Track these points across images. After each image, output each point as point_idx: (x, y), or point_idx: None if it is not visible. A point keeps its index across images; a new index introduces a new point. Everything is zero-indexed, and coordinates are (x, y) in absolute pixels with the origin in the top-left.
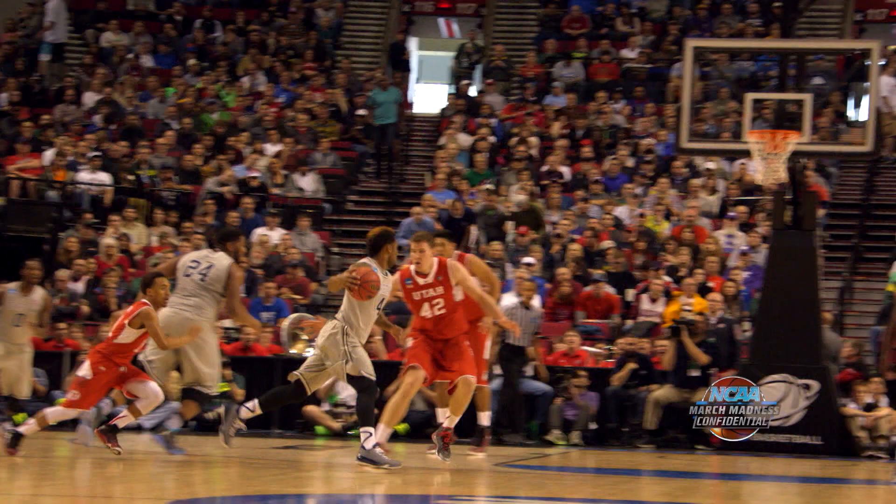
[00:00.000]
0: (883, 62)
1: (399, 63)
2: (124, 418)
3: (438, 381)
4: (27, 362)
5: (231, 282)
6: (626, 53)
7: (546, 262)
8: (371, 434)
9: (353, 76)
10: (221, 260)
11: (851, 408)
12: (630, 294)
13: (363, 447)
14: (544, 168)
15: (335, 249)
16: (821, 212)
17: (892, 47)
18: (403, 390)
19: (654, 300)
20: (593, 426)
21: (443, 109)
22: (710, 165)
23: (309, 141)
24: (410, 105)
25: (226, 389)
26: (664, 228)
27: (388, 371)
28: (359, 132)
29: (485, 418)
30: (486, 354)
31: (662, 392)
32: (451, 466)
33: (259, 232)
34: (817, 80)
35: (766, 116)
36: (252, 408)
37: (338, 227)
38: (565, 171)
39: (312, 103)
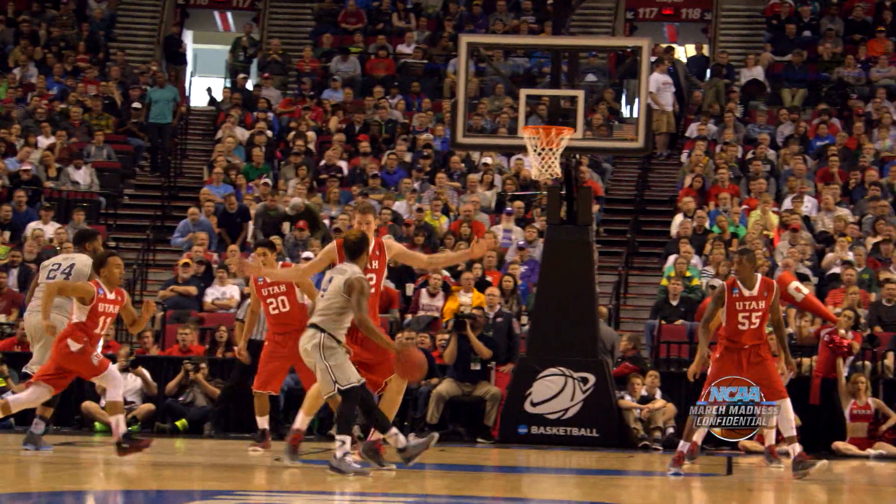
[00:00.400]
0: (654, 59)
1: (174, 56)
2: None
3: None
4: None
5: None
6: (403, 49)
7: None
8: (344, 443)
9: (127, 69)
10: (82, 259)
11: (627, 400)
12: (409, 288)
13: (335, 455)
14: (322, 163)
15: (111, 243)
16: (595, 207)
17: (663, 45)
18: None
19: (433, 294)
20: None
21: (219, 103)
22: (488, 160)
23: (83, 134)
24: (187, 100)
25: (1, 385)
26: (443, 223)
27: None
28: (134, 125)
29: (264, 422)
30: None
31: (444, 386)
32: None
33: (33, 226)
34: (590, 78)
35: (541, 112)
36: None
37: (114, 221)
38: (343, 165)
39: (86, 96)
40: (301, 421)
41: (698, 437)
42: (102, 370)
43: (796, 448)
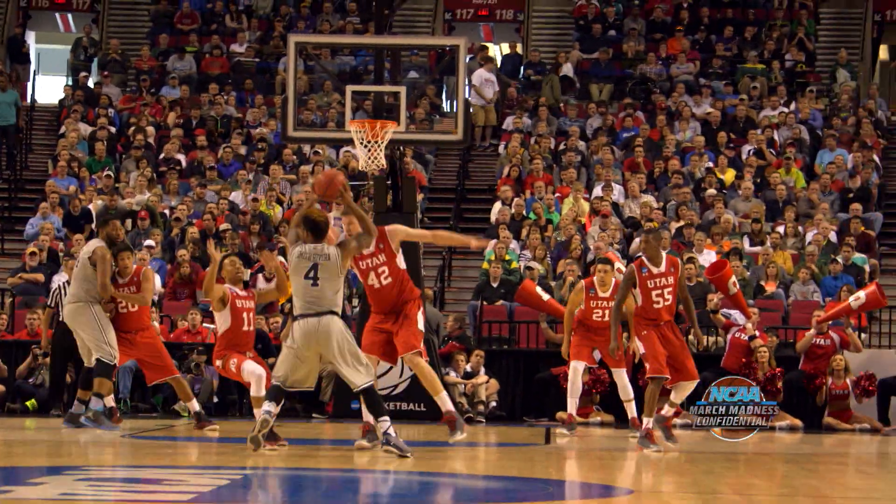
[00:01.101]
0: (471, 57)
1: (18, 56)
2: None
3: None
4: None
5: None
6: (236, 48)
7: (166, 245)
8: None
9: None
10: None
11: (452, 376)
12: (247, 274)
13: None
14: (162, 156)
15: None
16: (420, 196)
17: (481, 44)
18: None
19: (269, 279)
20: (216, 399)
21: (62, 100)
22: (318, 153)
23: None
24: (32, 97)
25: None
26: (277, 212)
27: None
28: None
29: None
30: None
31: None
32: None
33: None
34: (412, 75)
35: (366, 108)
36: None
37: None
38: (182, 158)
39: None
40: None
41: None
42: None
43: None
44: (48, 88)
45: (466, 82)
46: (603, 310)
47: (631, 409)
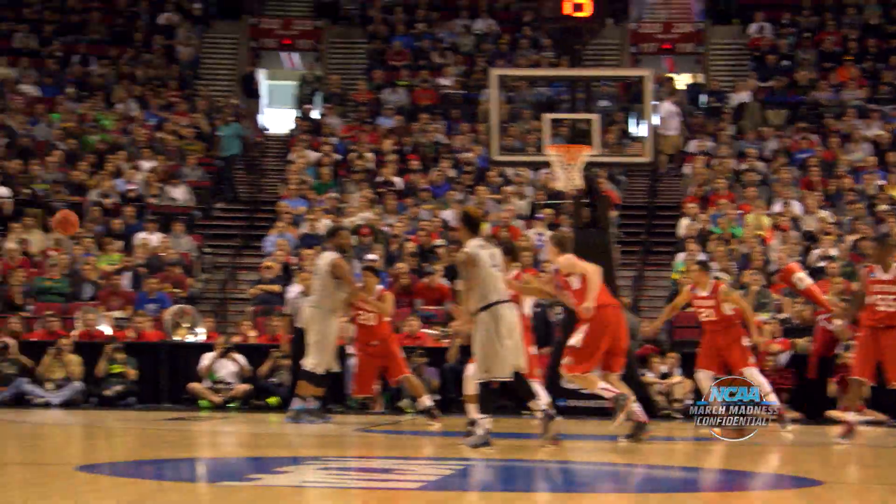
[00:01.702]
0: (657, 87)
1: (250, 91)
2: None
3: None
4: None
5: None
6: (443, 81)
7: (386, 259)
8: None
9: (211, 102)
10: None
11: (649, 377)
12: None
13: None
14: (379, 179)
15: (207, 249)
16: (614, 213)
17: (666, 75)
18: None
19: None
20: (437, 397)
21: (291, 130)
22: (520, 174)
23: (178, 157)
24: (263, 128)
25: (120, 370)
26: (485, 228)
27: None
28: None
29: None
30: None
31: None
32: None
33: (141, 236)
34: (603, 103)
35: (563, 133)
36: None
37: (207, 231)
38: (398, 181)
39: (178, 125)
40: None
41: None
42: None
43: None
44: (277, 120)
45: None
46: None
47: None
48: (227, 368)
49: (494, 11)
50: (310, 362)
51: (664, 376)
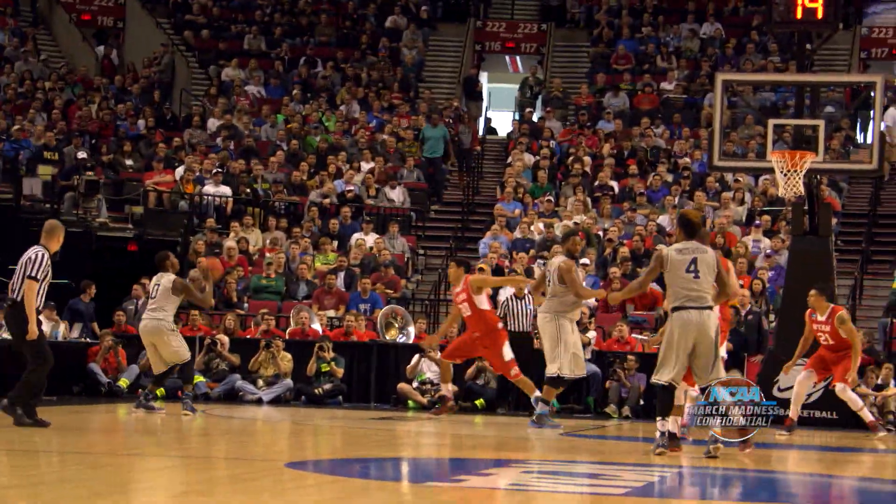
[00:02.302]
0: (889, 93)
1: (472, 94)
2: None
3: None
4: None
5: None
6: (665, 86)
7: (600, 263)
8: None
9: (433, 105)
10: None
11: (863, 388)
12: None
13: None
14: (596, 183)
15: (420, 251)
16: (834, 221)
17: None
18: None
19: None
20: (642, 402)
21: (510, 133)
22: (738, 180)
23: (397, 159)
24: (484, 130)
25: (327, 370)
26: (704, 232)
27: None
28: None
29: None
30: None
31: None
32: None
33: (356, 236)
34: (829, 109)
35: (786, 139)
36: None
37: (422, 233)
38: (614, 185)
39: (399, 128)
40: None
41: None
42: None
43: None
44: (498, 122)
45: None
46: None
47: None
48: (435, 370)
49: (722, 15)
50: (553, 368)
51: (878, 388)
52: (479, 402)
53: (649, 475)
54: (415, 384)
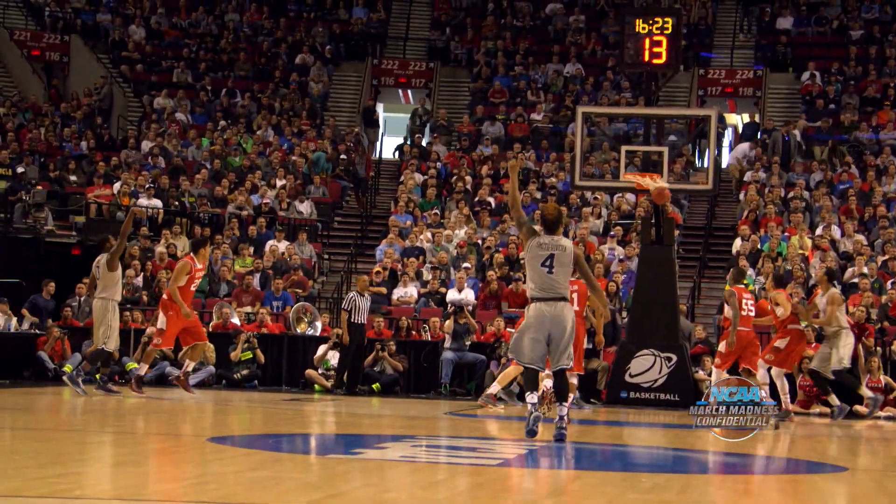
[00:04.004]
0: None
1: (370, 122)
2: None
3: None
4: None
5: None
6: (535, 116)
7: (478, 267)
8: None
9: (336, 131)
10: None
11: (701, 374)
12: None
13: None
14: (476, 199)
15: (325, 256)
16: (676, 232)
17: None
18: None
19: None
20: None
21: (401, 155)
22: (598, 197)
23: (305, 177)
24: (380, 153)
25: (248, 357)
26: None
27: None
28: (341, 172)
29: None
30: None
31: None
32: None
33: (270, 243)
34: (672, 137)
35: (636, 163)
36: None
37: (327, 241)
38: (491, 201)
39: (307, 150)
40: None
41: None
42: None
43: None
44: (391, 146)
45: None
46: None
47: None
48: (338, 358)
49: (582, 57)
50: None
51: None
52: (375, 385)
53: (520, 449)
54: (320, 370)
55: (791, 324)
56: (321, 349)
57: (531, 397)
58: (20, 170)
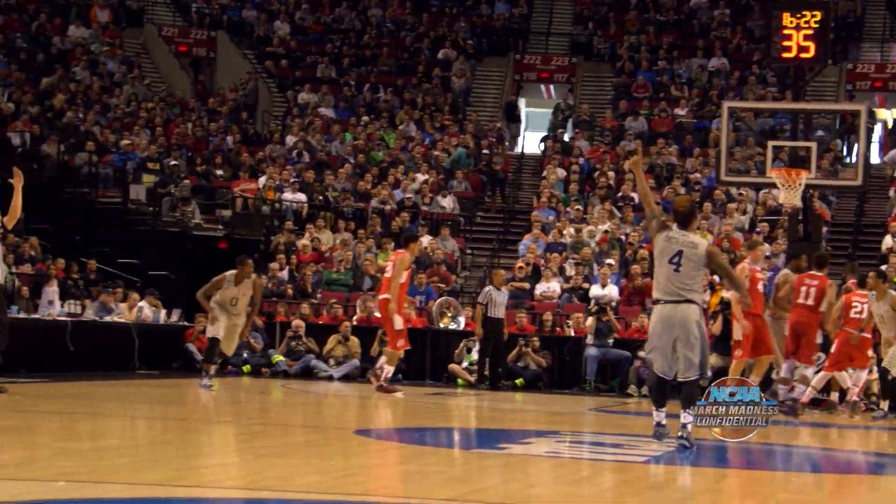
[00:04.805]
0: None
1: (512, 117)
2: None
3: None
4: (238, 331)
5: None
6: (678, 111)
7: (622, 263)
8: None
9: (478, 126)
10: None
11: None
12: None
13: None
14: (619, 194)
15: (468, 251)
16: (824, 229)
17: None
18: None
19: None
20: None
21: (543, 151)
22: (743, 193)
23: (447, 172)
24: (522, 149)
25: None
26: (709, 239)
27: None
28: (484, 166)
29: None
30: None
31: (711, 358)
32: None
33: None
34: (820, 133)
35: (783, 158)
36: None
37: (469, 235)
38: (634, 196)
39: (449, 145)
40: None
41: None
42: None
43: None
44: (533, 142)
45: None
46: None
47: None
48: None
49: (727, 52)
50: None
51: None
52: (518, 380)
53: (666, 447)
54: (464, 364)
55: None
56: (462, 344)
57: (658, 415)
58: (173, 163)
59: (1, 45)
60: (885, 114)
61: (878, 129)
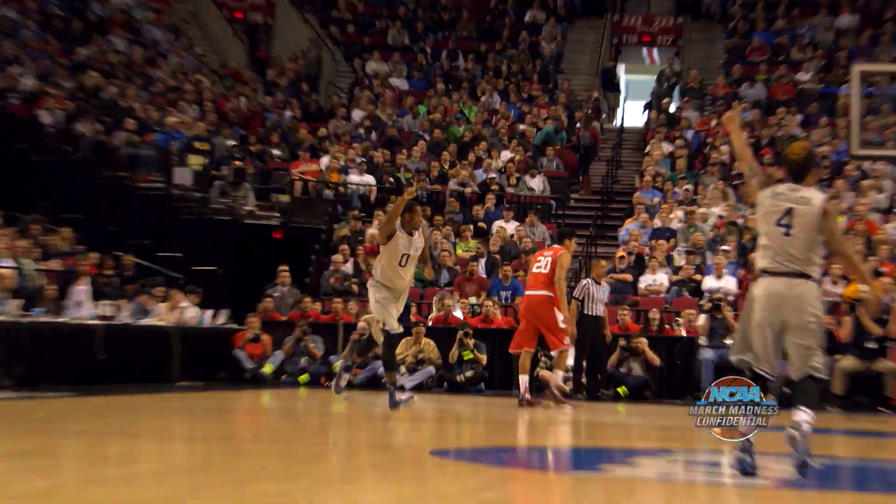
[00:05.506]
0: None
1: (610, 85)
2: None
3: None
4: (404, 299)
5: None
6: (801, 76)
7: (739, 250)
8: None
9: (571, 96)
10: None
11: None
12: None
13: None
14: (733, 171)
15: None
16: None
17: None
18: None
19: (834, 283)
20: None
21: (646, 123)
22: (877, 169)
23: (536, 149)
24: (622, 121)
25: (470, 357)
26: (841, 222)
27: None
28: (576, 141)
29: None
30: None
31: (847, 362)
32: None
33: (497, 224)
34: None
35: None
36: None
37: (562, 221)
38: None
39: (538, 118)
40: None
41: None
42: None
43: None
44: (635, 113)
45: None
46: None
47: None
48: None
49: (856, 7)
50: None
51: None
52: (621, 389)
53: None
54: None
55: None
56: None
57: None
58: (230, 142)
59: (34, 12)
60: None
61: None
